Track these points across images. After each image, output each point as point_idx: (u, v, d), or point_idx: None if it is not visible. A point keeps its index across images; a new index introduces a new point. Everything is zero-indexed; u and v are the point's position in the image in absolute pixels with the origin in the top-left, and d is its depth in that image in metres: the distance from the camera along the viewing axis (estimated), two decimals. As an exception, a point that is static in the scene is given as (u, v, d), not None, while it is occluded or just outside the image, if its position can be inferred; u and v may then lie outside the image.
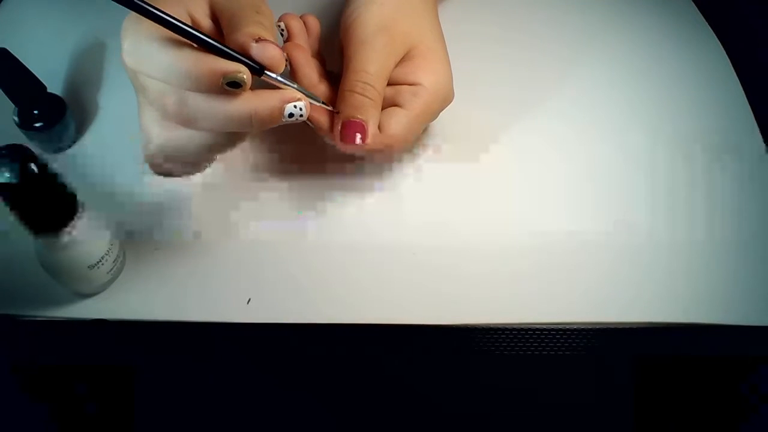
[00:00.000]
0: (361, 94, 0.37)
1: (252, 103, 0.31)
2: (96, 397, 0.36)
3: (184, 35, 0.29)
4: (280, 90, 0.32)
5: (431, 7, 0.42)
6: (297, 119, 0.32)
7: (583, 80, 0.49)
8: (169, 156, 0.33)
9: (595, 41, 0.51)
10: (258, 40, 0.30)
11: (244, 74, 0.30)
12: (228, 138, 0.33)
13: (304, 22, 0.40)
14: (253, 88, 0.31)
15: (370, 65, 0.37)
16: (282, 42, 0.39)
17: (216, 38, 0.30)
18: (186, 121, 0.31)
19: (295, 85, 0.33)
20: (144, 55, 0.30)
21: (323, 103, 0.36)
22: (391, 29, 0.38)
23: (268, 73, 0.31)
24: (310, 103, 0.34)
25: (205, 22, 0.33)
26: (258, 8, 0.32)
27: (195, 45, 0.30)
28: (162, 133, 0.32)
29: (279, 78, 0.32)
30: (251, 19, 0.31)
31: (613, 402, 0.37)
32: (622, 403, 0.37)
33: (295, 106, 0.32)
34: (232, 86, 0.29)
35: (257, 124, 0.31)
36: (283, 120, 0.32)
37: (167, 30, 0.29)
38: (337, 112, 0.37)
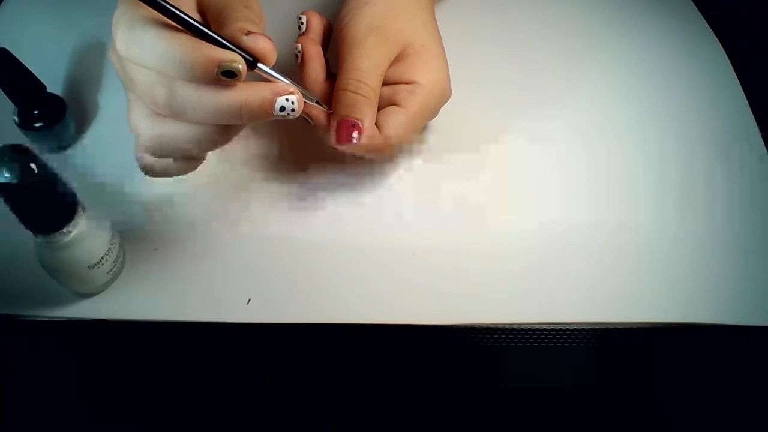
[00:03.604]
0: (354, 92, 0.37)
1: (242, 94, 0.30)
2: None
3: (180, 23, 0.29)
4: (272, 82, 0.32)
5: (426, 5, 0.42)
6: (289, 114, 0.32)
7: (583, 81, 0.49)
8: (159, 152, 0.32)
9: (594, 42, 0.51)
10: (248, 33, 0.30)
11: (240, 64, 0.29)
12: (219, 132, 0.32)
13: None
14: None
15: (362, 63, 0.37)
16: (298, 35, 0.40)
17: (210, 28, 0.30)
18: (175, 112, 0.31)
19: (288, 80, 0.32)
20: (138, 41, 0.29)
21: (317, 101, 0.36)
22: (382, 28, 0.39)
23: (261, 66, 0.31)
24: (306, 103, 0.33)
25: (194, 16, 0.32)
26: (246, 2, 0.32)
27: (190, 33, 0.30)
28: (151, 128, 0.32)
29: (272, 72, 0.32)
30: (240, 14, 0.31)
31: (613, 401, 0.37)
32: (622, 402, 0.37)
33: (287, 100, 0.31)
34: (226, 76, 0.29)
35: (247, 116, 0.31)
36: (275, 114, 0.31)
37: (162, 17, 0.29)
38: (331, 112, 0.37)
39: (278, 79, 0.32)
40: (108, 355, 0.37)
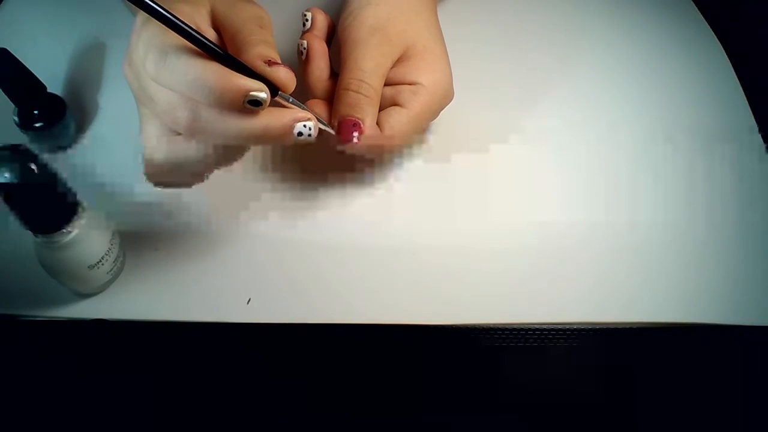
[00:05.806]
0: (356, 92, 0.37)
1: (264, 120, 0.31)
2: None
3: (209, 52, 0.30)
4: (292, 109, 0.33)
5: (428, 6, 0.42)
6: (305, 139, 0.33)
7: (584, 80, 0.49)
8: (173, 168, 0.33)
9: (595, 41, 0.51)
10: (270, 62, 0.31)
11: (266, 93, 0.30)
12: (231, 151, 0.33)
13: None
14: None
15: (365, 63, 0.38)
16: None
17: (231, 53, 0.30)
18: (195, 133, 0.31)
19: (305, 107, 0.34)
20: (170, 66, 0.30)
21: (327, 126, 0.37)
22: (385, 29, 0.39)
23: (282, 93, 0.32)
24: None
25: (209, 33, 0.33)
26: (260, 21, 0.33)
27: (218, 61, 0.30)
28: (166, 146, 0.32)
29: (291, 99, 0.33)
30: (257, 37, 0.32)
31: (613, 401, 0.37)
32: (622, 402, 0.37)
33: (304, 126, 0.32)
34: (252, 104, 0.30)
35: (267, 141, 0.32)
36: (293, 139, 0.32)
37: (191, 43, 0.29)
38: (339, 134, 0.37)
39: (296, 106, 0.33)
40: (108, 355, 0.37)
